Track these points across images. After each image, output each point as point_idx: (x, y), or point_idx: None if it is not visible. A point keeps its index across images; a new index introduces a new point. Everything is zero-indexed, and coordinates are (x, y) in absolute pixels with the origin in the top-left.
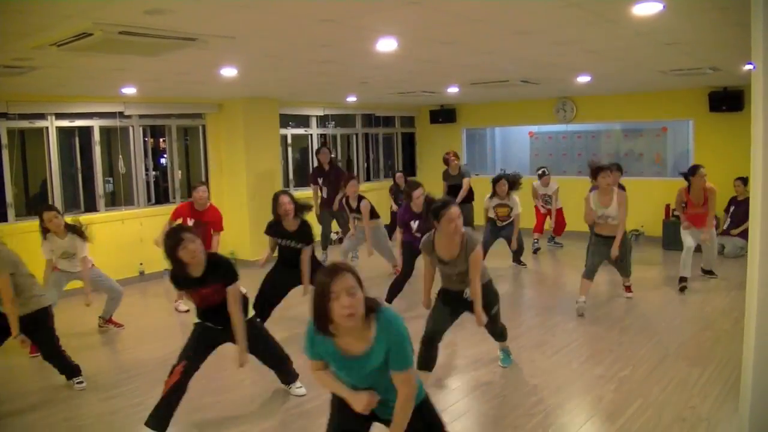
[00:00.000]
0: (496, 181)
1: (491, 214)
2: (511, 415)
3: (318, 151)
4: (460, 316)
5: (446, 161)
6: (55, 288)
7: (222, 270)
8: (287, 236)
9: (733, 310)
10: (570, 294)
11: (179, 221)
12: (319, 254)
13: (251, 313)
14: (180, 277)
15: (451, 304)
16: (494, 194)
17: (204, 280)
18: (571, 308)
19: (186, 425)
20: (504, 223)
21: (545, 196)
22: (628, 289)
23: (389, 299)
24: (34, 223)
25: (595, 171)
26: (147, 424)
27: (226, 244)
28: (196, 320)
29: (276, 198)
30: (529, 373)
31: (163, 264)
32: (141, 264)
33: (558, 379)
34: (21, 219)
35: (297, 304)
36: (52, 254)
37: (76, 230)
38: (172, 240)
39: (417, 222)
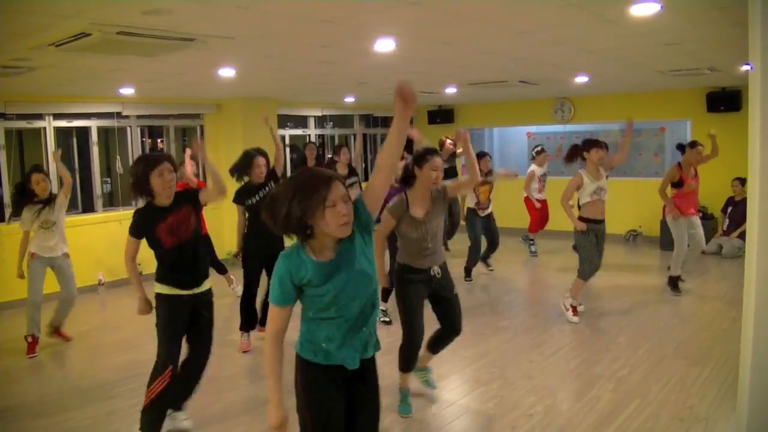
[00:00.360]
0: (479, 158)
1: (471, 203)
2: (510, 415)
3: (305, 146)
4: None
5: (441, 144)
6: (37, 283)
7: (190, 191)
8: (259, 189)
9: (731, 310)
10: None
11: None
12: None
13: (208, 285)
14: (145, 212)
15: (418, 294)
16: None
17: (172, 206)
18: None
19: None
20: (485, 212)
21: (543, 178)
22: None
23: (385, 298)
24: None
25: (589, 144)
26: (140, 427)
27: (224, 244)
28: (160, 290)
29: (251, 158)
30: (527, 374)
31: None
32: (139, 264)
33: (556, 379)
34: (19, 219)
35: None
36: (32, 224)
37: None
38: (147, 161)
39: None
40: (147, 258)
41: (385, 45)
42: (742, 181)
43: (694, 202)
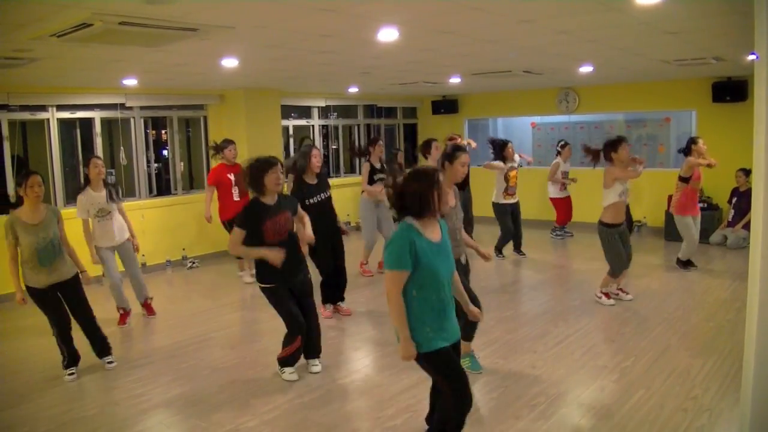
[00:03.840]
0: (504, 145)
1: (498, 197)
2: (514, 405)
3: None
4: None
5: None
6: (114, 267)
7: (290, 199)
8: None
9: (735, 301)
10: (573, 284)
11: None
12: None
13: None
14: (256, 208)
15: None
16: (503, 158)
17: (278, 206)
18: (573, 299)
19: (187, 414)
20: (513, 199)
21: (565, 175)
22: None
23: None
24: None
25: (617, 143)
26: (283, 365)
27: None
28: (264, 286)
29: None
30: (531, 364)
31: (164, 255)
32: (143, 256)
33: (560, 370)
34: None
35: None
36: (88, 213)
37: (110, 185)
38: (262, 165)
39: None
40: (152, 252)
41: (388, 34)
42: (746, 172)
43: (697, 200)
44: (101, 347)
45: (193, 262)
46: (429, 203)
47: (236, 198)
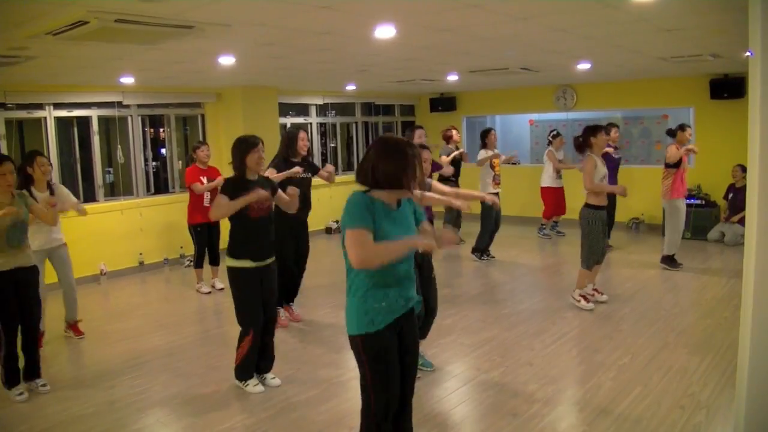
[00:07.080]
0: (487, 132)
1: (489, 186)
2: (511, 402)
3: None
4: None
5: (448, 138)
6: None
7: (269, 181)
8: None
9: (732, 298)
10: (570, 282)
11: (197, 183)
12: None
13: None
14: (239, 180)
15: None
16: (485, 145)
17: (259, 183)
18: (570, 296)
19: (181, 414)
20: (499, 189)
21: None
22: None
23: None
24: None
25: (596, 129)
26: (236, 377)
27: (225, 233)
28: (235, 264)
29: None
30: (528, 361)
31: (162, 254)
32: (141, 254)
33: (557, 367)
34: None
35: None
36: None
37: (53, 186)
38: (247, 143)
39: None
40: (150, 250)
41: (385, 32)
42: (744, 168)
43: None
44: (32, 368)
45: (191, 261)
46: (400, 182)
47: (207, 203)
